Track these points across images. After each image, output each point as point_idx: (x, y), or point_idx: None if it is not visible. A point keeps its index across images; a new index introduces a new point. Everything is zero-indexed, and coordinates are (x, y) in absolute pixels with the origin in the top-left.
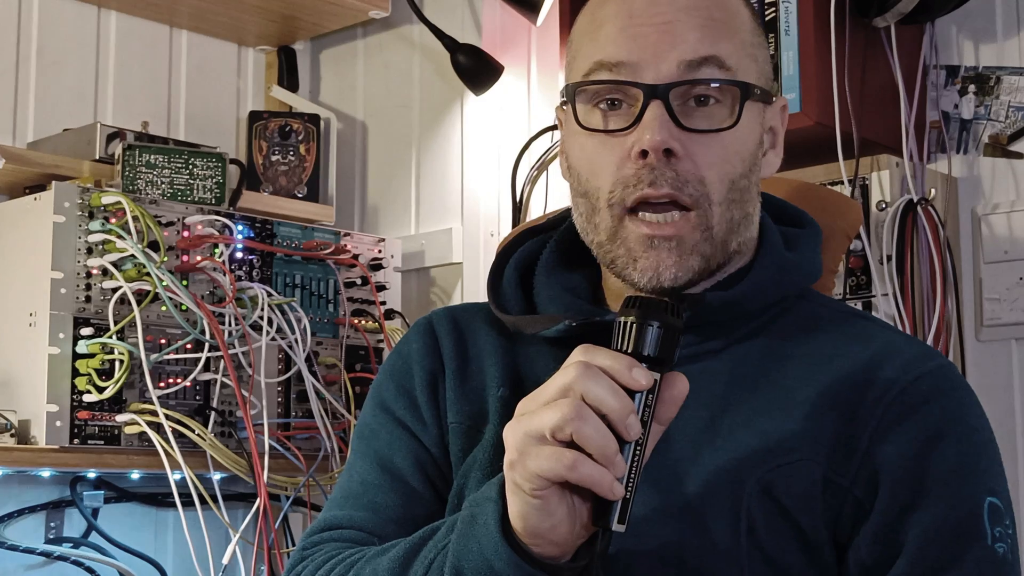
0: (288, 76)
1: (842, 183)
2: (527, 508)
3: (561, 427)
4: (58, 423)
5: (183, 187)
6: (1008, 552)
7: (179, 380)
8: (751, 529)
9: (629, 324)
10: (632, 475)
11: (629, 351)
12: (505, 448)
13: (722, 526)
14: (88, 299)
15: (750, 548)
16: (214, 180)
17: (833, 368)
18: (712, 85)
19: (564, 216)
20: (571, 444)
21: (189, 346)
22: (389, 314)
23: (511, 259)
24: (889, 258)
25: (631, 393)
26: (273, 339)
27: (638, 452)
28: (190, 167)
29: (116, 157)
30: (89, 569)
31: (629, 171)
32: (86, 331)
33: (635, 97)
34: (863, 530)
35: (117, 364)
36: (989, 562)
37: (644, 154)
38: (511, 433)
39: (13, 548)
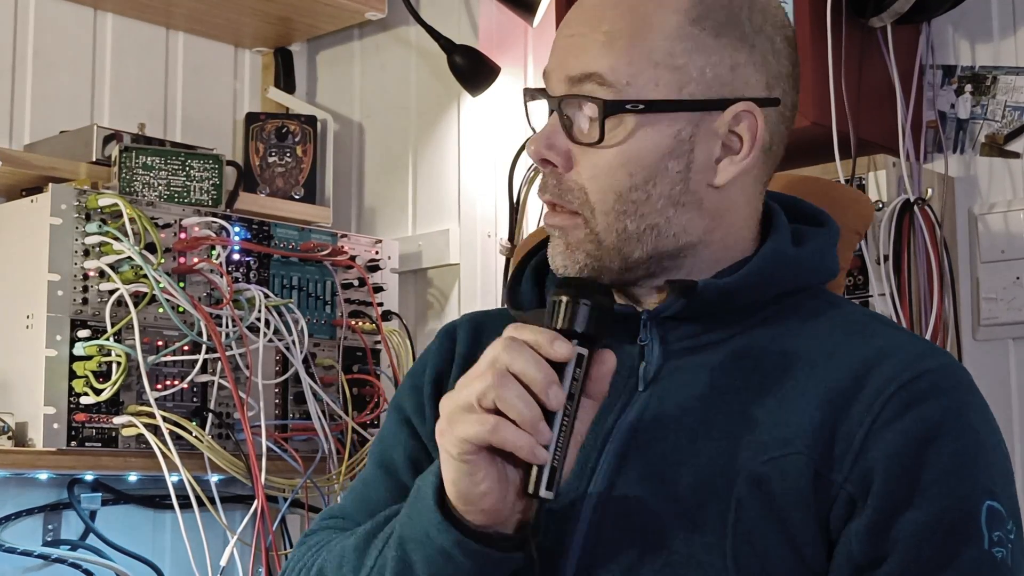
0: (285, 78)
1: (839, 183)
2: (456, 473)
3: (485, 394)
4: (55, 425)
5: (180, 189)
6: (1008, 557)
7: (176, 382)
8: (739, 520)
9: (562, 302)
10: (560, 444)
11: (561, 328)
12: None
13: (711, 517)
14: (85, 301)
15: (737, 540)
16: (211, 182)
17: (833, 364)
18: (575, 101)
19: None
20: (499, 413)
21: (186, 348)
22: (386, 315)
23: (532, 260)
24: (886, 258)
25: (558, 367)
26: (270, 341)
27: (565, 423)
28: (187, 169)
29: (113, 159)
30: (87, 572)
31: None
32: (83, 333)
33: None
34: (854, 527)
35: (114, 366)
36: (985, 566)
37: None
38: (444, 405)
39: (11, 551)
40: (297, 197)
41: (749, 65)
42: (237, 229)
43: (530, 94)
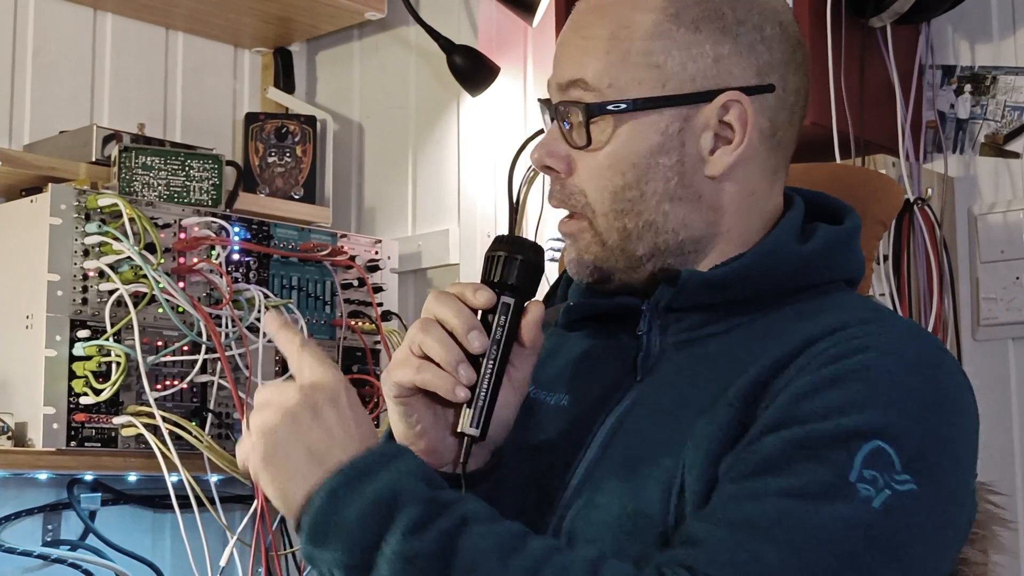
0: (284, 78)
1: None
2: (395, 415)
3: (412, 340)
4: (55, 425)
5: (179, 189)
6: (877, 501)
7: (176, 382)
8: (682, 492)
9: (496, 258)
10: (486, 385)
11: (495, 280)
12: None
13: (658, 492)
14: (85, 301)
15: (678, 512)
16: (210, 182)
17: (802, 340)
18: (563, 107)
19: None
20: (429, 359)
21: (186, 348)
22: (386, 315)
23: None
24: (886, 258)
25: (488, 317)
26: (270, 341)
27: (491, 365)
28: (186, 169)
29: (112, 159)
30: (86, 572)
31: None
32: (83, 333)
33: None
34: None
35: (114, 366)
36: (835, 489)
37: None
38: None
39: (10, 551)
40: (297, 197)
41: (734, 55)
42: (237, 229)
43: (541, 104)
